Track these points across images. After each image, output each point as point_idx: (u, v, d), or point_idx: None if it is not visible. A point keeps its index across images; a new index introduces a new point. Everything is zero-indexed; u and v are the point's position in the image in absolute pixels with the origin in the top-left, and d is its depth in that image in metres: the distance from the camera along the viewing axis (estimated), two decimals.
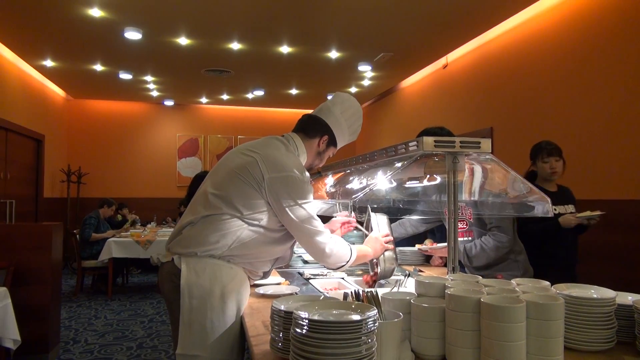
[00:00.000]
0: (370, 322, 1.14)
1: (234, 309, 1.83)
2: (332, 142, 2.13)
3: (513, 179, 1.84)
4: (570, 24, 4.37)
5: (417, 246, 3.08)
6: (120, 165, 9.59)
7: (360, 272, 2.85)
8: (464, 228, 2.73)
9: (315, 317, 1.14)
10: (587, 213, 2.83)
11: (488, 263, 2.62)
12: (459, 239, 2.72)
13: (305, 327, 1.12)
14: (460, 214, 2.60)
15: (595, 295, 1.44)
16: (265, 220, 1.86)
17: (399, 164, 1.84)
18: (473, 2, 4.65)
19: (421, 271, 2.90)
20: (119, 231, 7.14)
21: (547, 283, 1.49)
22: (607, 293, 1.46)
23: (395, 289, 2.31)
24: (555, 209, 2.99)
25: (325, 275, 2.70)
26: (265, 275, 2.11)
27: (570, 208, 3.05)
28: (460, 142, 1.59)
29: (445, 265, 3.03)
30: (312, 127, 2.10)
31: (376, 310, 1.18)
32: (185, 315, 1.78)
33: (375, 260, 2.31)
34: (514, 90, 5.17)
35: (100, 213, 7.05)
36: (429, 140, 1.57)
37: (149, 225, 8.10)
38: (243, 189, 1.84)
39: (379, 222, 2.30)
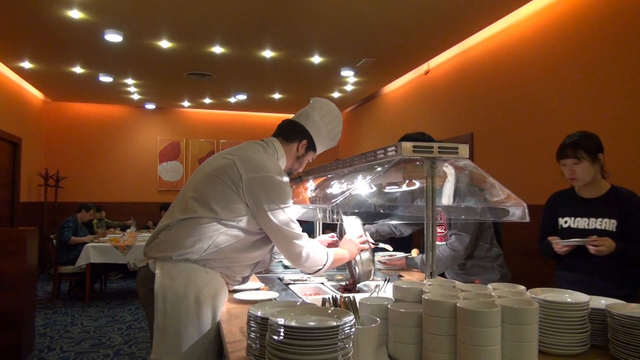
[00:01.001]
0: (346, 328, 1.13)
1: (209, 314, 1.80)
2: (311, 146, 2.14)
3: (491, 184, 1.86)
4: (548, 31, 4.45)
5: (377, 258, 3.09)
6: (99, 169, 9.45)
7: (340, 277, 2.85)
8: (442, 232, 2.75)
9: (291, 324, 1.14)
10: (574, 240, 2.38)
11: (468, 267, 2.65)
12: (438, 243, 2.76)
13: (281, 334, 1.11)
14: (439, 218, 2.62)
15: (569, 300, 1.46)
16: (244, 223, 1.85)
17: (378, 169, 1.84)
18: (454, 10, 4.70)
19: (401, 276, 2.91)
20: (97, 236, 7.02)
21: (523, 287, 1.50)
22: (581, 297, 1.48)
23: (374, 294, 2.32)
24: (580, 222, 2.47)
25: (305, 280, 2.69)
26: (245, 280, 2.09)
27: (608, 223, 2.36)
28: (439, 147, 1.60)
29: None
30: (291, 132, 2.11)
31: (353, 316, 1.18)
32: (159, 320, 1.75)
33: (353, 262, 2.31)
34: (494, 97, 5.24)
35: (78, 217, 6.93)
36: (407, 145, 1.58)
37: (128, 230, 7.98)
38: (221, 191, 1.83)
39: (352, 225, 2.30)
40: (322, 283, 2.60)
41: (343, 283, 2.55)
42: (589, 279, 2.37)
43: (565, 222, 2.52)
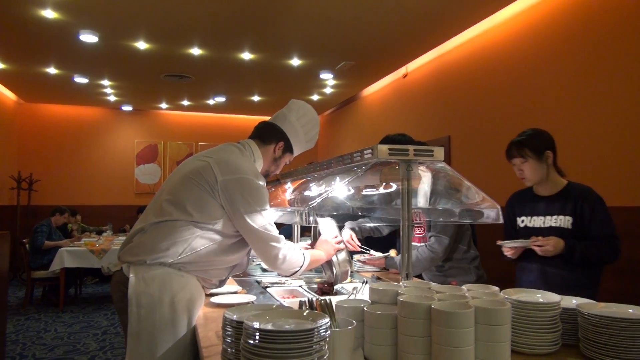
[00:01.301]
0: (321, 331, 1.13)
1: (184, 319, 1.78)
2: (288, 148, 2.14)
3: (466, 186, 1.88)
4: (522, 36, 4.54)
5: (355, 257, 3.11)
6: (74, 171, 9.27)
7: (318, 280, 2.85)
8: (421, 234, 2.78)
9: (266, 327, 1.13)
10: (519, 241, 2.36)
11: (445, 268, 2.68)
12: (417, 244, 2.78)
13: (256, 337, 1.10)
14: (419, 219, 2.64)
15: (541, 300, 1.48)
16: (220, 226, 1.83)
17: (358, 171, 1.85)
18: (431, 15, 4.75)
19: (379, 278, 2.92)
20: (73, 240, 6.88)
21: (496, 288, 1.53)
22: (552, 297, 1.51)
23: (352, 297, 2.32)
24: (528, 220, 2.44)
25: (283, 283, 2.68)
26: (221, 283, 2.07)
27: (563, 220, 2.31)
28: (414, 150, 1.61)
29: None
30: (267, 134, 2.11)
31: (328, 319, 1.18)
32: (133, 325, 1.72)
33: (329, 263, 2.31)
34: (471, 100, 5.32)
35: (52, 221, 6.78)
36: (383, 148, 1.59)
37: (104, 234, 7.84)
38: (196, 193, 1.82)
39: (327, 226, 2.31)
40: (300, 286, 2.59)
41: (324, 283, 2.55)
42: (550, 270, 2.32)
43: (522, 221, 2.47)
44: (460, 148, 5.49)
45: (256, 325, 1.13)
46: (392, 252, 3.17)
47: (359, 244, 2.90)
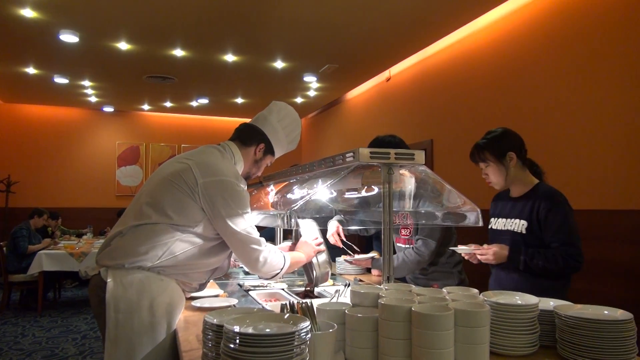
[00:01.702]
0: (302, 334, 1.13)
1: (163, 324, 1.76)
2: (269, 150, 2.13)
3: (447, 190, 1.90)
4: (504, 41, 4.61)
5: (342, 257, 3.11)
6: (54, 173, 9.11)
7: (300, 283, 2.85)
8: (407, 235, 2.79)
9: (246, 331, 1.13)
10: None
11: (429, 271, 2.69)
12: (402, 245, 2.80)
13: (237, 341, 1.10)
14: (406, 220, 2.65)
15: (519, 302, 1.50)
16: (201, 229, 1.82)
17: (341, 174, 1.86)
18: (414, 20, 4.80)
19: (361, 281, 2.93)
20: (55, 240, 6.75)
21: (476, 291, 1.54)
22: (531, 299, 1.53)
23: (334, 299, 2.33)
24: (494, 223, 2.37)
25: (266, 286, 2.67)
26: (202, 287, 2.06)
27: (518, 224, 2.22)
28: (395, 153, 1.62)
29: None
30: (248, 136, 2.11)
31: (309, 322, 1.18)
32: (111, 330, 1.70)
33: (310, 265, 2.31)
34: (453, 104, 5.37)
35: (30, 224, 6.66)
36: (364, 151, 1.60)
37: (84, 237, 7.72)
38: (176, 196, 1.80)
39: (307, 227, 2.31)
40: (283, 289, 2.59)
41: (302, 289, 2.55)
42: (514, 276, 2.20)
43: (491, 223, 2.39)
44: (443, 151, 5.55)
45: (236, 329, 1.13)
46: (376, 254, 3.18)
47: (345, 239, 2.89)
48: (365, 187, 1.83)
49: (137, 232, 1.78)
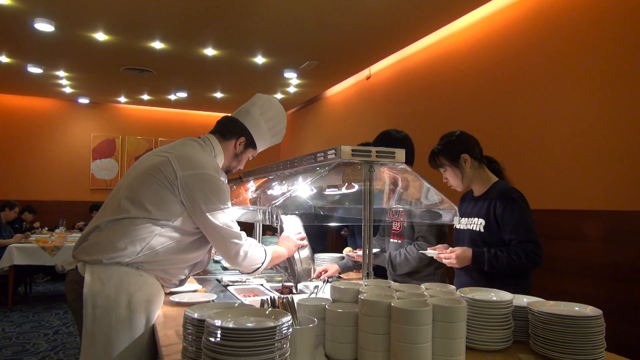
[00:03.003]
0: (284, 329, 1.14)
1: (142, 319, 1.74)
2: (250, 144, 2.11)
3: (427, 188, 1.93)
4: (482, 42, 4.69)
5: (345, 251, 3.12)
6: (26, 165, 8.88)
7: (280, 278, 2.86)
8: (397, 230, 2.81)
9: (228, 325, 1.13)
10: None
11: (410, 272, 2.71)
12: (393, 240, 2.81)
13: (218, 335, 1.10)
14: (398, 217, 2.67)
15: (494, 298, 1.54)
16: (180, 223, 1.80)
17: (321, 171, 1.87)
18: (395, 19, 4.83)
19: (340, 277, 2.96)
20: (26, 234, 6.59)
21: (453, 287, 1.58)
22: (505, 296, 1.57)
23: (313, 295, 2.34)
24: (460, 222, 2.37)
25: (244, 281, 2.67)
26: (182, 282, 2.05)
27: (476, 223, 2.25)
28: (376, 151, 1.65)
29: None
30: (228, 129, 2.08)
31: (290, 317, 1.19)
32: (88, 326, 1.67)
33: (292, 260, 2.32)
34: (432, 103, 5.44)
35: (1, 217, 6.49)
36: (346, 149, 1.61)
37: (57, 230, 7.56)
38: (155, 189, 1.78)
39: (291, 222, 2.31)
40: (262, 284, 2.59)
41: (281, 284, 2.56)
42: (475, 275, 2.23)
43: (455, 222, 2.35)
44: (422, 150, 5.59)
45: (218, 323, 1.13)
46: (349, 250, 3.20)
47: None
48: (346, 184, 1.85)
49: (115, 227, 1.75)
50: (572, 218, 3.64)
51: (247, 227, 2.89)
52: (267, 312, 1.23)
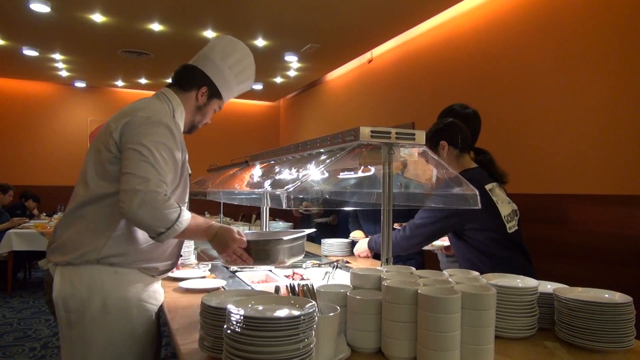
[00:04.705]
0: (309, 318, 1.09)
1: (121, 321, 1.59)
2: (214, 94, 1.85)
3: (445, 171, 1.87)
4: (488, 25, 4.60)
5: (352, 235, 3.07)
6: (22, 150, 8.77)
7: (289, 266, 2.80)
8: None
9: (252, 314, 1.08)
10: None
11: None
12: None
13: (241, 324, 1.05)
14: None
15: (520, 285, 1.50)
16: None
17: (338, 154, 1.79)
18: (398, 1, 4.74)
19: (348, 262, 2.91)
20: (23, 219, 6.52)
21: (477, 273, 1.53)
22: (530, 282, 1.53)
23: (325, 281, 2.30)
24: None
25: (252, 267, 2.62)
26: (172, 265, 1.81)
27: None
28: (396, 133, 1.58)
29: (374, 258, 3.06)
30: (187, 79, 1.82)
31: (315, 305, 1.14)
32: (65, 330, 1.56)
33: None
34: (435, 87, 5.36)
35: None
36: (365, 130, 1.55)
37: (55, 216, 7.49)
38: (97, 159, 1.59)
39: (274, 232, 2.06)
40: (270, 270, 2.54)
41: (292, 271, 2.51)
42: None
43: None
44: None
45: (241, 311, 1.07)
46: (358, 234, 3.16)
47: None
48: (362, 167, 1.78)
49: (73, 219, 1.60)
50: (577, 202, 3.61)
51: (253, 212, 2.81)
52: (292, 301, 1.18)
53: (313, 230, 2.14)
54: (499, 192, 2.13)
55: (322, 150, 1.87)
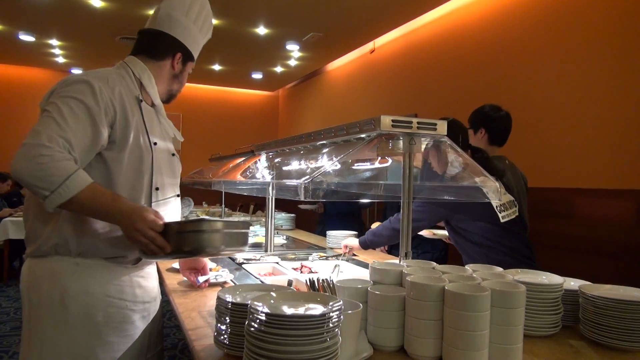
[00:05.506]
0: (336, 315, 1.04)
1: (81, 317, 1.41)
2: (188, 57, 1.70)
3: (465, 162, 1.81)
4: (491, 15, 4.53)
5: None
6: (17, 137, 8.63)
7: (292, 257, 2.76)
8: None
9: (277, 311, 1.02)
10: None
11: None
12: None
13: (266, 322, 1.00)
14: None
15: (545, 281, 1.45)
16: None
17: (357, 145, 1.73)
18: None
19: (355, 255, 2.87)
20: (16, 209, 6.43)
21: (500, 269, 1.48)
22: (555, 279, 1.48)
23: (334, 274, 2.25)
24: None
25: (259, 259, 2.57)
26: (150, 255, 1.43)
27: None
28: (418, 123, 1.53)
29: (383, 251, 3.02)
30: (157, 48, 1.64)
31: (341, 302, 1.08)
32: (25, 324, 1.45)
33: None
34: (438, 78, 5.30)
35: None
36: (386, 119, 1.49)
37: None
38: None
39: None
40: (277, 263, 2.49)
41: (300, 264, 2.46)
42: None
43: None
44: None
45: (265, 309, 1.02)
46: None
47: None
48: (379, 158, 1.72)
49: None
50: (583, 196, 3.58)
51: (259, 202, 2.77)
52: (318, 298, 1.12)
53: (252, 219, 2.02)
54: None
55: (337, 140, 1.81)
